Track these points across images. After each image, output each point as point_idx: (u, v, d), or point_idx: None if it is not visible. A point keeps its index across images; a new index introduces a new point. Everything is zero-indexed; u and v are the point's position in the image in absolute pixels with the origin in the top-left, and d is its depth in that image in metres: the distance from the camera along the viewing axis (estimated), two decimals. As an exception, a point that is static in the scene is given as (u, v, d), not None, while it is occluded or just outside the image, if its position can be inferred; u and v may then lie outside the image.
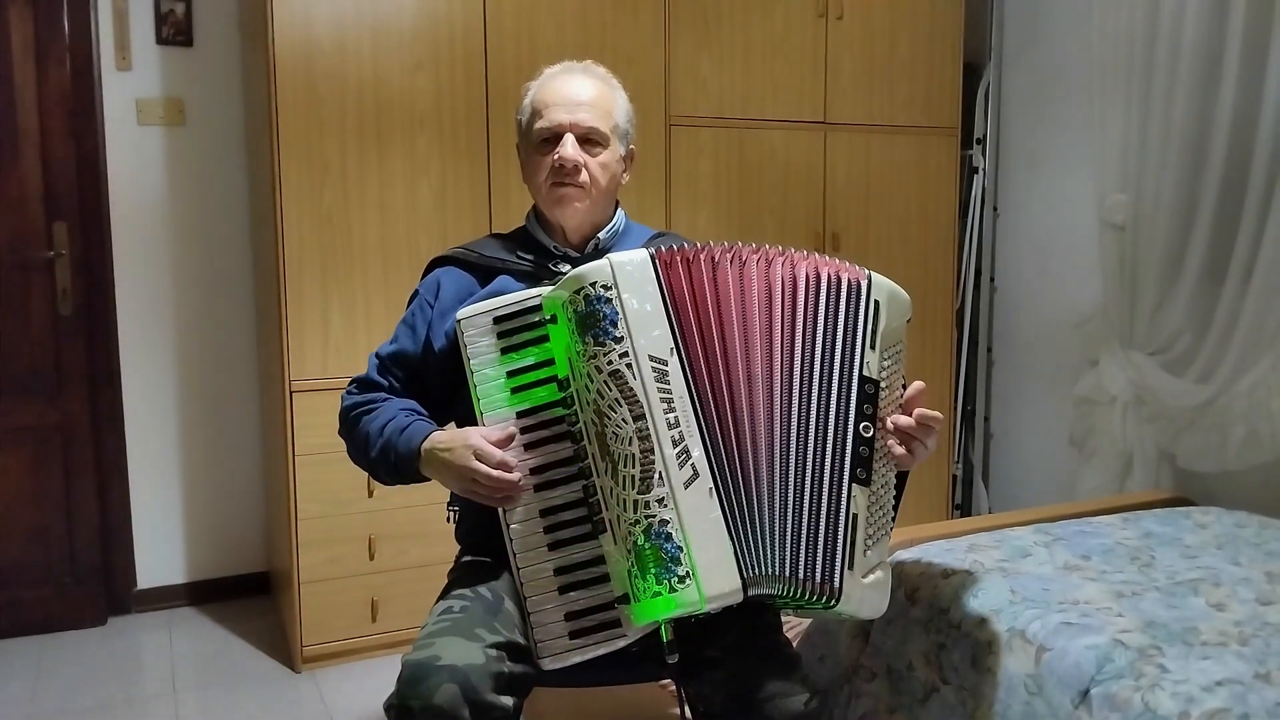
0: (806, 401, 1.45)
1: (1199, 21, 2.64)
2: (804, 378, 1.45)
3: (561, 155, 1.63)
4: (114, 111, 3.06)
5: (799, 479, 1.43)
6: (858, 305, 1.47)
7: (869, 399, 1.45)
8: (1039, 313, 3.48)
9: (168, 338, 3.19)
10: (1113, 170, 2.89)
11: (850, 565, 1.41)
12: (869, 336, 1.46)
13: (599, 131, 1.66)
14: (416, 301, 1.72)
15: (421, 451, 1.53)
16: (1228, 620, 1.60)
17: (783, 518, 1.42)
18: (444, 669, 1.34)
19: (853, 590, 1.42)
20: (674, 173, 3.06)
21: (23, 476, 3.01)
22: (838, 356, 1.46)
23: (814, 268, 1.49)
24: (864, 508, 1.44)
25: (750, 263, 1.48)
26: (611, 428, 1.40)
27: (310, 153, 2.64)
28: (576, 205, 1.67)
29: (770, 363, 1.45)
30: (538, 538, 1.46)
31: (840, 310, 1.47)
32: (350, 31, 2.65)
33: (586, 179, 1.66)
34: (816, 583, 1.40)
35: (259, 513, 3.33)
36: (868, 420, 1.45)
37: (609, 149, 1.69)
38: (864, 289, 1.48)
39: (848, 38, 3.25)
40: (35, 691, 2.69)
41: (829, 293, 1.48)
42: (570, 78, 1.69)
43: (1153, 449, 2.85)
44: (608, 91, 1.71)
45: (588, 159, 1.66)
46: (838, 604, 1.41)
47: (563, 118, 1.65)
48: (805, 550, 1.41)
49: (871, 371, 1.46)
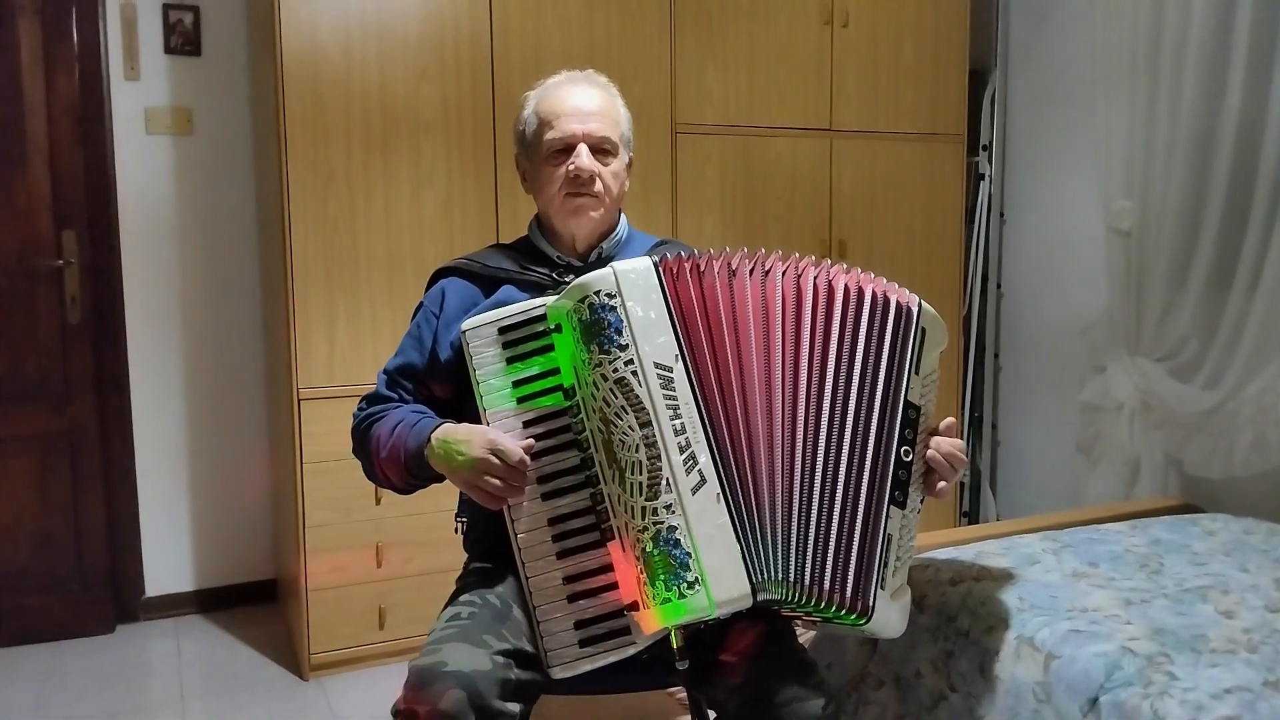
0: (841, 418, 1.46)
1: (1204, 27, 2.64)
2: (840, 393, 1.46)
3: (578, 165, 1.64)
4: (122, 121, 3.08)
5: (829, 491, 1.44)
6: (908, 330, 1.50)
7: (910, 424, 1.48)
8: (1045, 319, 3.48)
9: (175, 345, 3.20)
10: (1118, 176, 2.89)
11: (883, 584, 1.43)
12: (915, 362, 1.49)
13: (610, 141, 1.67)
14: (421, 313, 1.72)
15: (432, 439, 1.51)
16: (1236, 627, 1.60)
17: (804, 526, 1.42)
18: (451, 675, 1.34)
19: (882, 609, 1.43)
20: (680, 180, 3.06)
21: (31, 483, 3.02)
22: (881, 378, 1.47)
23: (855, 281, 1.50)
24: (898, 529, 1.46)
25: (775, 270, 1.49)
26: (618, 435, 1.40)
27: (317, 161, 2.65)
28: (592, 215, 1.67)
29: (796, 371, 1.46)
30: (546, 546, 1.46)
31: (888, 332, 1.49)
32: (357, 40, 2.66)
33: (601, 188, 1.66)
34: (847, 597, 1.41)
35: (266, 520, 3.34)
36: (909, 445, 1.47)
37: (618, 158, 1.70)
38: (915, 315, 1.51)
39: (853, 45, 3.26)
40: (42, 699, 2.69)
41: (875, 311, 1.49)
42: (576, 88, 1.70)
43: (1160, 455, 2.84)
44: (611, 101, 1.72)
45: (601, 168, 1.66)
46: (868, 622, 1.43)
47: (575, 128, 1.65)
48: (838, 563, 1.42)
49: (915, 397, 1.49)
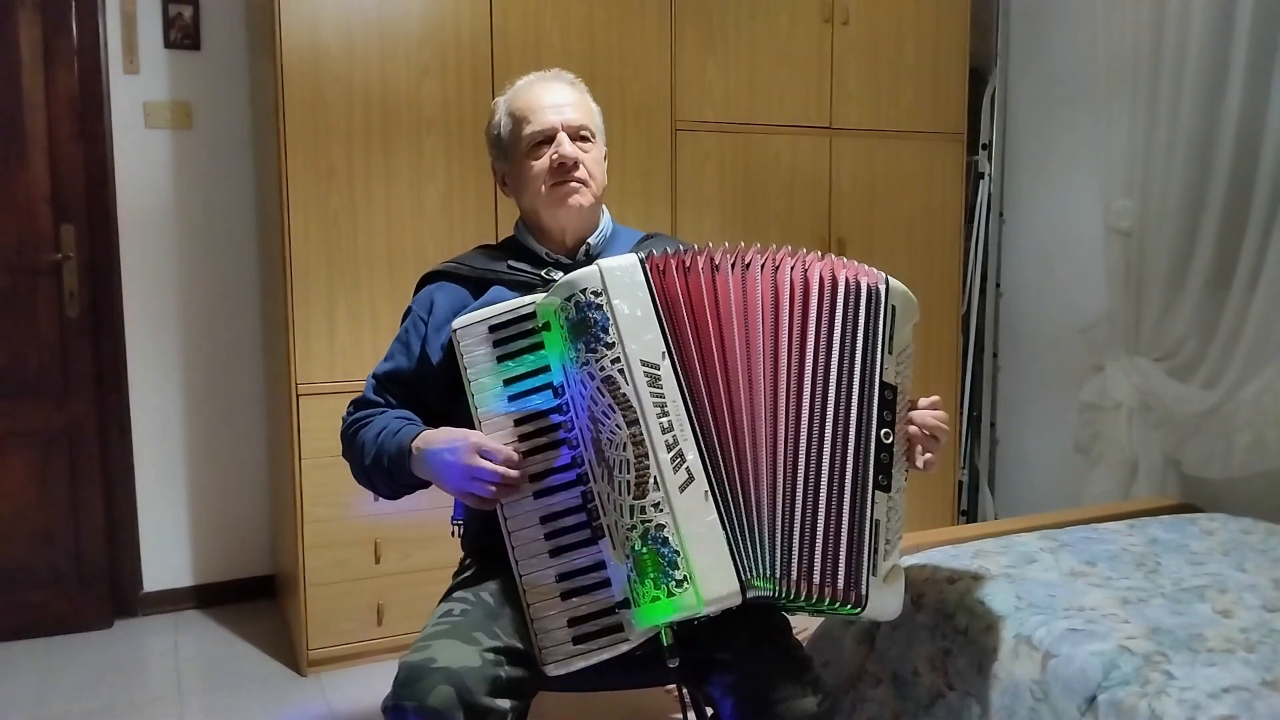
0: (822, 407, 1.44)
1: (1205, 26, 2.64)
2: (818, 383, 1.44)
3: (561, 152, 1.65)
4: (122, 115, 3.07)
5: (814, 484, 1.42)
6: (877, 311, 1.47)
7: (888, 405, 1.45)
8: (1045, 318, 3.48)
9: (175, 341, 3.20)
10: (1118, 175, 2.89)
11: (874, 571, 1.41)
12: (887, 342, 1.47)
13: (588, 128, 1.69)
14: (410, 318, 1.71)
15: (413, 449, 1.52)
16: (1234, 627, 1.60)
17: (789, 521, 1.41)
18: (439, 671, 1.35)
19: (876, 595, 1.42)
20: (680, 178, 3.06)
21: (29, 479, 3.02)
22: (858, 363, 1.45)
23: (830, 270, 1.48)
24: (884, 513, 1.44)
25: (755, 265, 1.47)
26: (606, 433, 1.40)
27: (317, 157, 2.65)
28: (580, 201, 1.67)
29: (775, 365, 1.45)
30: (538, 544, 1.46)
31: (860, 316, 1.47)
32: (358, 36, 2.66)
33: (586, 174, 1.67)
34: (840, 589, 1.40)
35: (265, 516, 3.34)
36: (888, 427, 1.45)
37: (596, 144, 1.72)
38: (883, 294, 1.48)
39: (853, 43, 3.26)
40: (41, 694, 2.69)
41: (848, 297, 1.47)
42: (545, 84, 1.72)
43: (1158, 455, 2.84)
44: (581, 95, 1.73)
45: (583, 155, 1.68)
46: (864, 611, 1.41)
47: (553, 118, 1.67)
48: (826, 556, 1.40)
49: (890, 377, 1.46)
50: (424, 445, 1.51)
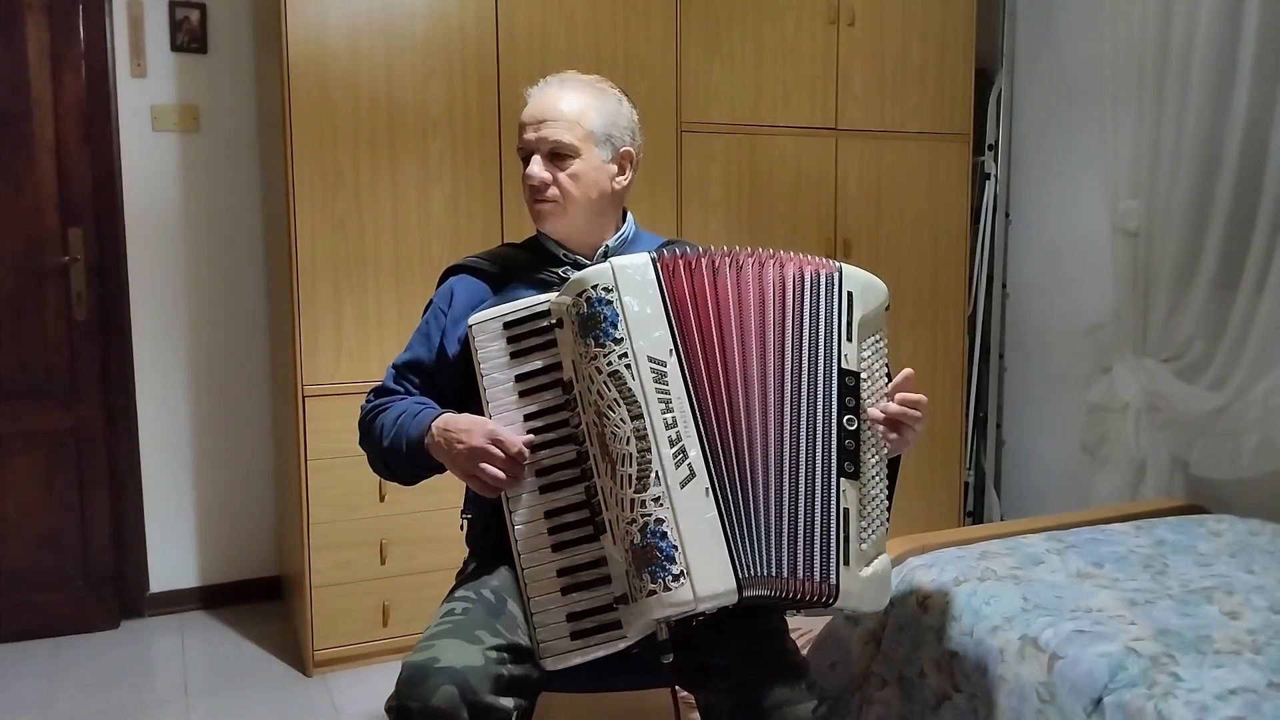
0: (796, 400, 1.47)
1: (1212, 27, 2.64)
2: (792, 377, 1.48)
3: (527, 174, 1.68)
4: (129, 118, 3.08)
5: (792, 478, 1.45)
6: (830, 299, 1.51)
7: (850, 391, 1.48)
8: (1051, 319, 3.47)
9: (181, 343, 3.21)
10: (1125, 176, 2.88)
11: (846, 561, 1.42)
12: (844, 329, 1.50)
13: (564, 144, 1.66)
14: (431, 310, 1.74)
15: (432, 428, 1.54)
16: (1241, 628, 1.60)
17: (778, 518, 1.43)
18: (443, 670, 1.36)
19: (850, 586, 1.43)
20: (685, 179, 3.06)
21: (36, 480, 3.03)
22: (820, 352, 1.49)
23: (797, 267, 1.52)
24: (855, 502, 1.45)
25: (746, 267, 1.51)
26: (610, 428, 1.41)
27: (324, 159, 2.66)
28: (552, 220, 1.70)
29: (764, 364, 1.48)
30: (542, 539, 1.48)
31: (819, 306, 1.50)
32: (364, 39, 2.67)
33: (556, 193, 1.67)
34: (815, 582, 1.41)
35: (271, 517, 3.35)
36: (850, 413, 1.47)
37: (582, 158, 1.67)
38: (836, 281, 1.52)
39: (859, 44, 3.26)
40: (48, 695, 2.70)
41: (809, 290, 1.51)
42: (542, 95, 1.71)
43: (1165, 456, 2.83)
44: (580, 100, 1.69)
45: (557, 174, 1.67)
46: (835, 602, 1.42)
47: (528, 137, 1.69)
48: (801, 550, 1.42)
49: (851, 364, 1.49)
50: (444, 426, 1.53)
